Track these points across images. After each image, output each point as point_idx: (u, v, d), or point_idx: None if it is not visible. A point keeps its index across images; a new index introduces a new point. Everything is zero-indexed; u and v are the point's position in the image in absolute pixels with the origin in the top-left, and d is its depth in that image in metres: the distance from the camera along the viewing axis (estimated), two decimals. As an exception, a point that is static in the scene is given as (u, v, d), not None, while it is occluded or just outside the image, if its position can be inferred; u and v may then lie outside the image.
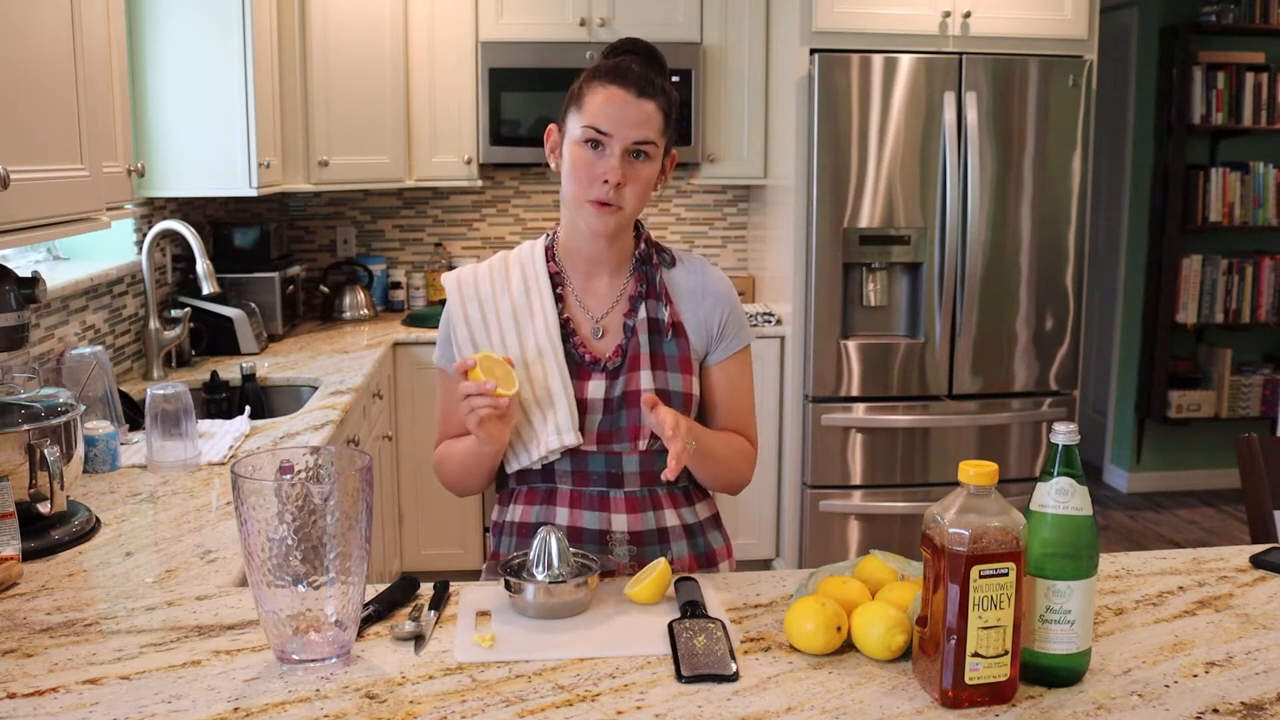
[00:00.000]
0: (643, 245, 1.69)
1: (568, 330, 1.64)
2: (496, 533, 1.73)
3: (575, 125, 1.57)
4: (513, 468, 1.65)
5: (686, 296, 1.68)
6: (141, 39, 3.05)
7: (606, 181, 1.54)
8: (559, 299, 1.66)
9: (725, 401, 1.70)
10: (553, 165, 1.64)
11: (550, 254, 1.69)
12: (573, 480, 1.64)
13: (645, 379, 1.61)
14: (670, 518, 1.66)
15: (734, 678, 1.23)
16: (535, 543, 1.43)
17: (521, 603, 1.40)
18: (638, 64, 1.58)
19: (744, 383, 1.72)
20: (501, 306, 1.65)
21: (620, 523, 1.62)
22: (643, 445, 1.62)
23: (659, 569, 1.45)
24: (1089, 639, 1.23)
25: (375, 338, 3.76)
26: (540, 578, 1.41)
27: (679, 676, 1.24)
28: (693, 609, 1.38)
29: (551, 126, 1.64)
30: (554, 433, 1.59)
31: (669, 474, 1.45)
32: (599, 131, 1.54)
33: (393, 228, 4.47)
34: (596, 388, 1.62)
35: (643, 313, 1.64)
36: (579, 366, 1.63)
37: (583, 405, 1.61)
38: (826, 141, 3.66)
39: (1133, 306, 5.30)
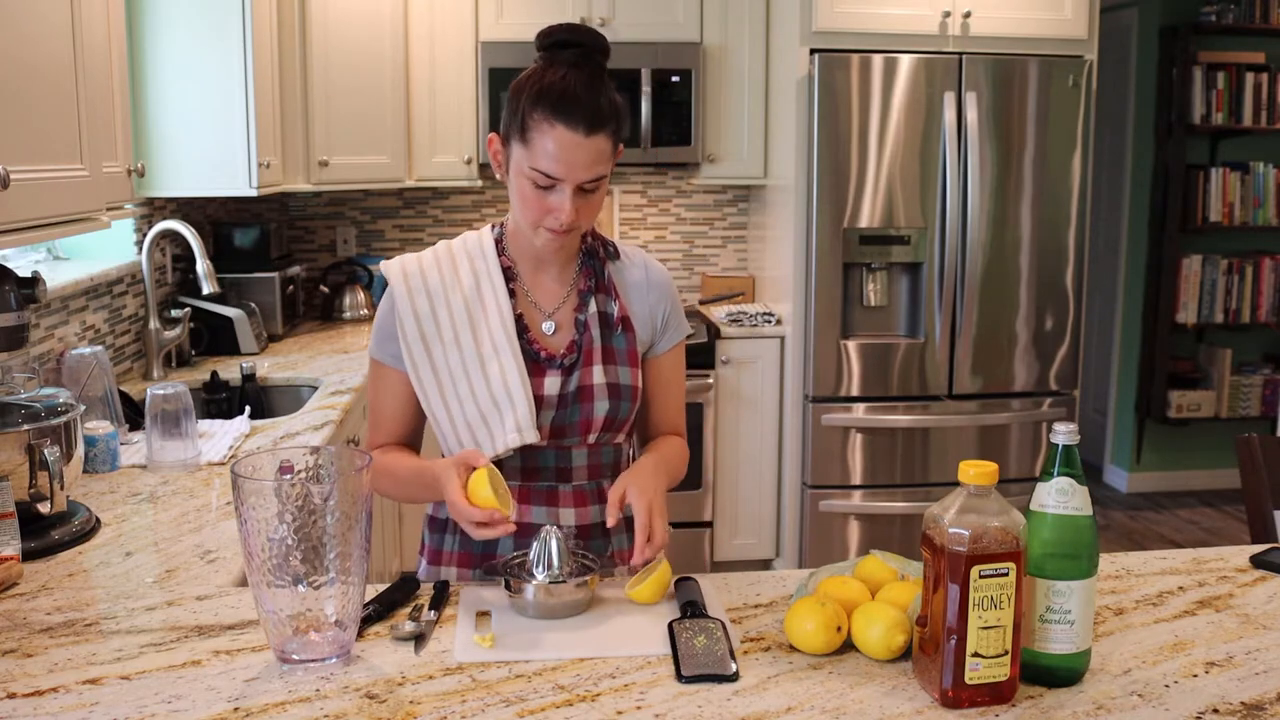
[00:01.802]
0: (588, 239, 1.67)
1: (521, 326, 1.61)
2: (435, 529, 1.70)
3: (522, 159, 1.49)
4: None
5: (633, 289, 1.67)
6: (141, 39, 3.05)
7: (558, 220, 1.50)
8: (510, 294, 1.63)
9: (663, 393, 1.71)
10: (498, 175, 1.58)
11: (499, 247, 1.66)
12: (522, 476, 1.62)
13: (598, 373, 1.61)
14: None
15: (734, 678, 1.23)
16: (535, 542, 1.43)
17: (521, 603, 1.40)
18: (582, 80, 1.47)
19: (679, 373, 1.73)
20: (453, 300, 1.61)
21: (568, 516, 1.62)
22: (592, 439, 1.62)
23: (659, 569, 1.45)
24: (1089, 639, 1.23)
25: (375, 338, 3.76)
26: (540, 578, 1.41)
27: (679, 676, 1.24)
28: (693, 609, 1.38)
29: (493, 135, 1.56)
30: (514, 430, 1.56)
31: (635, 563, 1.45)
32: (548, 176, 1.47)
33: (393, 228, 4.47)
34: (552, 384, 1.60)
35: (593, 307, 1.63)
36: (533, 363, 1.60)
37: (538, 401, 1.59)
38: (826, 141, 3.66)
39: (1133, 306, 5.30)
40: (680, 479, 1.72)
